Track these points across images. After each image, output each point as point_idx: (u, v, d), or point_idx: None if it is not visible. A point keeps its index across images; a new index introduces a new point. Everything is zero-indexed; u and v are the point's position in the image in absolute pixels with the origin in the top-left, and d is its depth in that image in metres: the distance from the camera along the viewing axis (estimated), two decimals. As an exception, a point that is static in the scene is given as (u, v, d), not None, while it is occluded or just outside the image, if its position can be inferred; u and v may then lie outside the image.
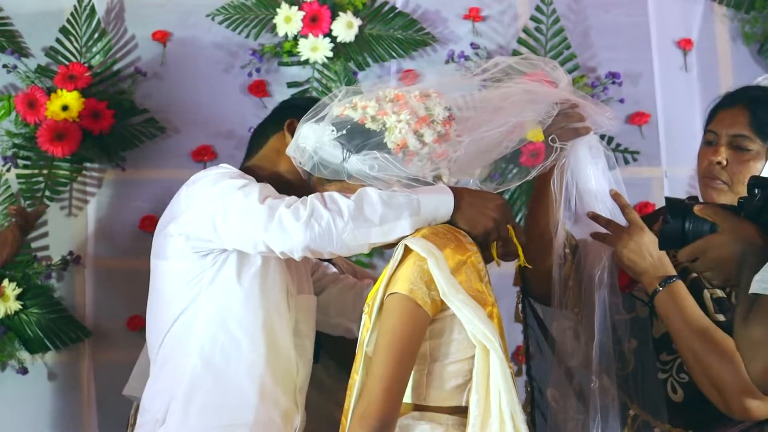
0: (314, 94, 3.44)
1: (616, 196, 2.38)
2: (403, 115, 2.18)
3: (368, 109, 2.20)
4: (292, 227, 2.15)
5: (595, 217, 2.38)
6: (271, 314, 2.32)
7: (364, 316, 2.14)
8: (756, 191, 1.98)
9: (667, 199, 2.15)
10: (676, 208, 2.10)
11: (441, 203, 2.16)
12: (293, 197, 2.20)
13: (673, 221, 2.08)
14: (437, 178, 2.21)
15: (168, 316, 2.35)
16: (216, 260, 2.30)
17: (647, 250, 2.31)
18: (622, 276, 2.38)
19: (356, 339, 2.68)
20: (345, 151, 2.19)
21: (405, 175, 2.17)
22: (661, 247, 2.23)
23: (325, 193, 2.18)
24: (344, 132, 2.19)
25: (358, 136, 2.18)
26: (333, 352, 2.81)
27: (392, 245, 2.18)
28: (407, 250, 2.09)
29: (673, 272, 2.30)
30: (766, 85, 2.48)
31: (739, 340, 1.79)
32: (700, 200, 2.41)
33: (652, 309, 2.34)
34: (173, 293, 2.35)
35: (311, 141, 2.22)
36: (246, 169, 2.44)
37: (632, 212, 2.37)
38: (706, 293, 2.31)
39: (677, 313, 2.24)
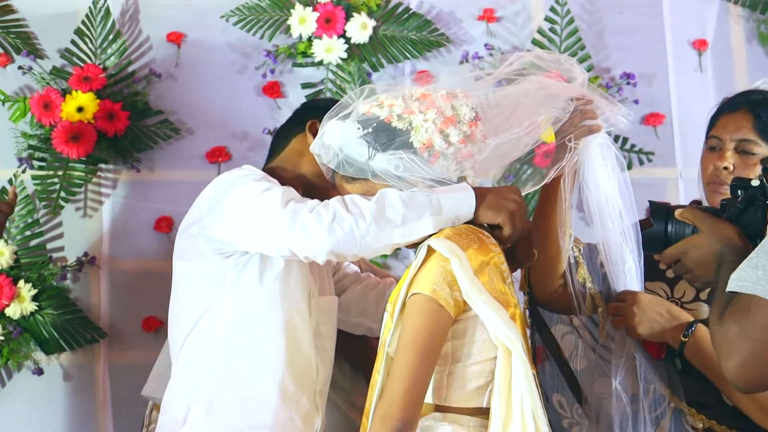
0: (328, 95, 3.45)
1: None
2: (429, 114, 2.17)
3: (394, 107, 2.19)
4: (315, 231, 2.14)
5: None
6: (293, 316, 2.32)
7: (386, 316, 2.13)
8: (739, 192, 2.00)
9: (651, 202, 2.16)
10: (659, 211, 2.11)
11: (462, 201, 2.15)
12: (315, 201, 2.20)
13: (656, 224, 2.10)
14: (462, 179, 2.20)
15: (190, 317, 2.35)
16: (238, 262, 2.30)
17: (654, 311, 2.31)
18: (650, 346, 2.37)
19: (371, 338, 2.69)
20: (370, 149, 2.18)
21: (429, 176, 2.16)
22: (645, 250, 2.24)
23: (346, 197, 2.17)
24: (370, 130, 2.18)
25: (384, 135, 2.17)
26: (346, 352, 2.82)
27: (416, 244, 2.18)
28: (430, 251, 2.09)
29: (689, 318, 2.31)
30: (766, 89, 2.47)
31: (715, 337, 1.80)
32: (705, 205, 2.41)
33: (684, 361, 2.34)
34: (195, 294, 2.35)
35: (336, 138, 2.20)
36: (269, 170, 2.44)
37: (623, 293, 2.37)
38: None
39: (709, 356, 2.23)
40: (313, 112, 2.52)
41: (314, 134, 2.40)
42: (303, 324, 2.35)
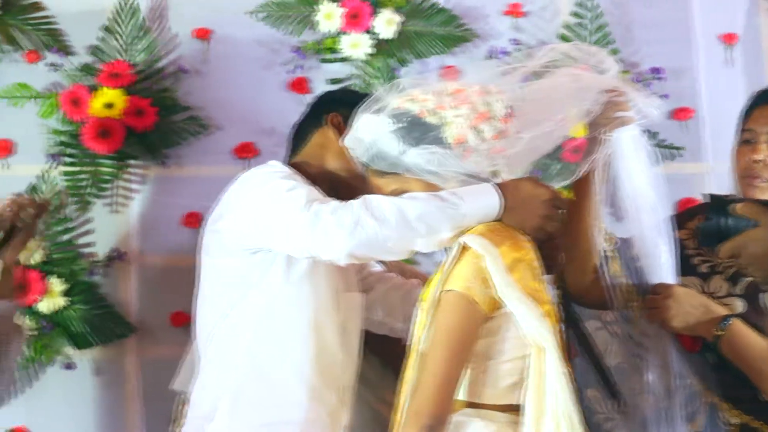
0: (355, 90, 3.45)
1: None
2: (462, 110, 2.16)
3: (427, 102, 2.19)
4: (337, 235, 2.13)
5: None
6: (319, 313, 2.33)
7: (419, 313, 2.13)
8: None
9: (710, 195, 2.14)
10: (718, 205, 2.09)
11: (488, 211, 2.13)
12: (338, 202, 2.19)
13: (713, 218, 2.07)
14: (494, 174, 2.20)
15: (217, 313, 2.36)
16: (265, 258, 2.30)
17: (689, 304, 2.30)
18: (685, 339, 2.36)
19: (398, 336, 2.70)
20: (403, 144, 2.17)
21: (462, 171, 2.16)
22: (702, 244, 2.22)
23: (370, 198, 2.17)
24: (403, 124, 2.18)
25: (417, 129, 2.17)
26: (376, 348, 2.82)
27: None
28: (464, 248, 2.09)
29: (724, 311, 2.30)
30: None
31: None
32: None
33: (719, 355, 2.33)
34: (222, 291, 2.36)
35: (369, 132, 2.20)
36: (294, 165, 2.44)
37: (658, 285, 2.36)
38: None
39: (745, 351, 2.23)
40: (330, 104, 2.51)
41: (335, 127, 2.40)
42: (329, 320, 2.35)
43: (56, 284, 3.27)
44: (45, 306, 3.25)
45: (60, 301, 3.27)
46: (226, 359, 2.34)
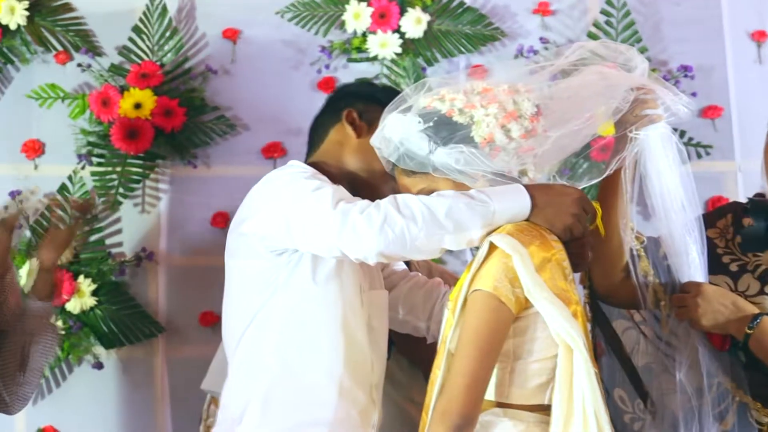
0: (383, 90, 3.45)
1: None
2: (491, 109, 2.15)
3: (456, 101, 2.18)
4: (366, 234, 2.12)
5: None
6: (346, 312, 2.32)
7: (447, 312, 2.12)
8: None
9: (751, 200, 2.11)
10: (760, 208, 2.05)
11: (518, 210, 2.12)
12: (366, 201, 2.18)
13: (756, 222, 2.04)
14: (522, 173, 2.19)
15: (244, 315, 2.35)
16: (291, 259, 2.29)
17: (719, 302, 2.28)
18: (714, 337, 2.35)
19: (424, 336, 2.70)
20: (431, 143, 2.17)
21: (490, 170, 2.15)
22: (745, 249, 2.19)
23: (399, 197, 2.16)
24: (431, 124, 2.17)
25: (445, 129, 2.16)
26: (404, 348, 2.82)
27: None
28: (492, 247, 2.08)
29: (754, 310, 2.28)
30: None
31: None
32: None
33: (748, 352, 2.31)
34: (249, 293, 2.35)
35: (397, 132, 2.19)
36: (313, 165, 2.43)
37: (687, 283, 2.34)
38: None
39: None
40: (347, 99, 2.49)
41: (351, 123, 2.40)
42: (356, 319, 2.34)
43: (85, 284, 3.29)
44: (74, 306, 3.27)
45: (89, 301, 3.29)
46: (255, 361, 2.34)
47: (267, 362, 2.32)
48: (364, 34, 3.48)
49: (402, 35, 3.47)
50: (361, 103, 2.43)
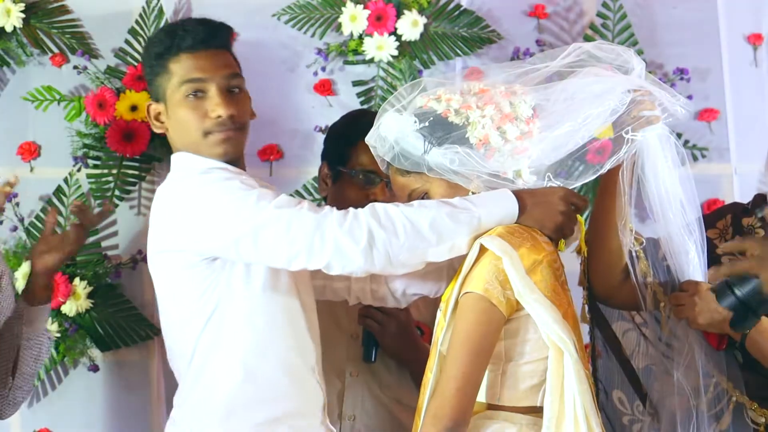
0: (379, 92, 3.45)
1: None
2: (487, 110, 2.16)
3: (452, 102, 2.19)
4: (352, 253, 2.11)
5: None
6: (288, 299, 2.31)
7: (438, 314, 2.13)
8: None
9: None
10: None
11: (504, 214, 2.13)
12: (341, 213, 2.15)
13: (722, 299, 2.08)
14: (517, 174, 2.19)
15: (192, 330, 2.32)
16: (225, 263, 2.28)
17: (715, 302, 2.28)
18: (711, 337, 2.35)
19: (416, 335, 2.70)
20: (426, 143, 2.17)
21: (485, 171, 2.15)
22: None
23: (378, 207, 2.15)
24: (427, 124, 2.18)
25: (441, 129, 2.17)
26: (391, 350, 2.82)
27: None
28: (482, 249, 2.08)
29: None
30: None
31: None
32: None
33: (745, 352, 2.31)
34: (191, 307, 2.32)
35: (393, 131, 2.20)
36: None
37: (685, 282, 2.34)
38: None
39: None
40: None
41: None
42: (295, 302, 2.33)
43: (80, 286, 3.28)
44: (69, 308, 3.26)
45: (84, 304, 3.28)
46: (215, 371, 2.29)
47: (228, 369, 2.30)
48: (360, 37, 3.47)
49: (398, 38, 3.47)
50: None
